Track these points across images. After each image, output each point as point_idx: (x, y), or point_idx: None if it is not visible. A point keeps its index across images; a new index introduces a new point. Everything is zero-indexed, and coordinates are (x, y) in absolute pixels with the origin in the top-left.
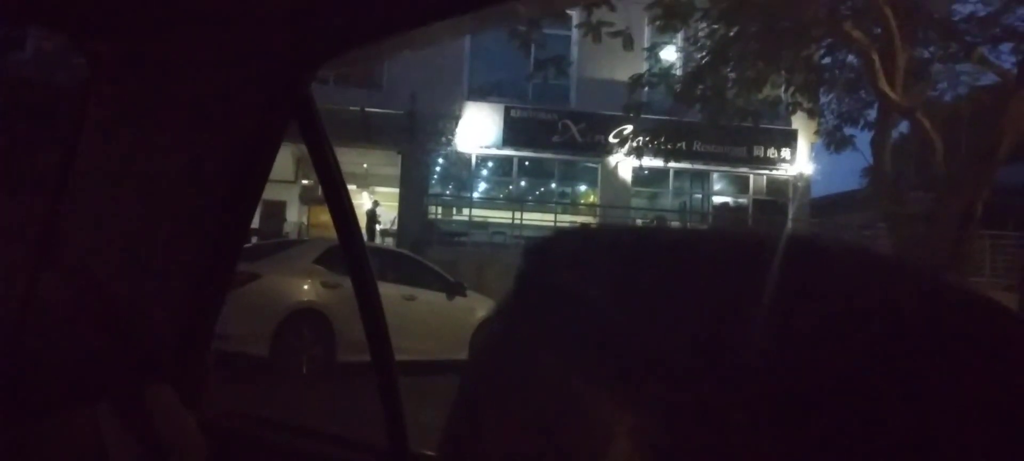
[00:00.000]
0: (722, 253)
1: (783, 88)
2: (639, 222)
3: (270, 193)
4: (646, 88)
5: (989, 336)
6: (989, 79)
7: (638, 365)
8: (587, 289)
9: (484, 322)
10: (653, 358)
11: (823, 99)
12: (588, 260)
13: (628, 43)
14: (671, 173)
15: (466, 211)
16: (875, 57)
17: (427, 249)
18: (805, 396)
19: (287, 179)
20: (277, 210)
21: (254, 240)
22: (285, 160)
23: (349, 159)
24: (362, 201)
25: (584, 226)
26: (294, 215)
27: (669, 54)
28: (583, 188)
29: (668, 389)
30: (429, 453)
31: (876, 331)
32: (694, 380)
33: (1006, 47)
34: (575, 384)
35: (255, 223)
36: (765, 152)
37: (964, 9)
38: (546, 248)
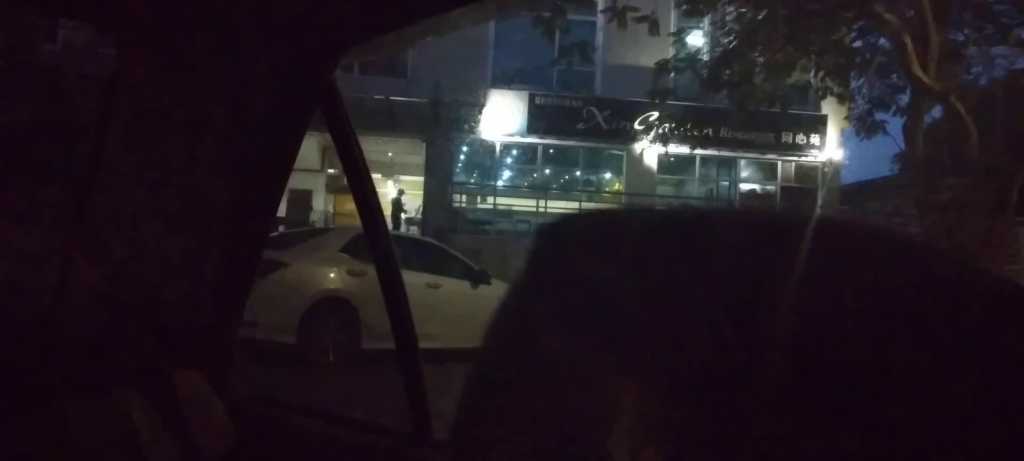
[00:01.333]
0: (737, 236)
1: (812, 72)
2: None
3: (296, 182)
4: (672, 74)
5: (1021, 324)
6: None
7: (647, 345)
8: (598, 269)
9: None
10: (662, 339)
11: (854, 83)
12: (600, 241)
13: (654, 28)
14: (697, 160)
15: (490, 199)
16: (908, 40)
17: (451, 237)
18: (818, 380)
19: (313, 168)
20: (303, 199)
21: (281, 229)
22: (311, 149)
23: (374, 148)
24: (387, 190)
25: (597, 208)
26: (320, 204)
27: (696, 39)
28: (608, 175)
29: (676, 369)
30: None
31: (900, 317)
32: (703, 362)
33: None
34: (584, 362)
35: (281, 212)
36: (793, 138)
37: None
38: (558, 229)
